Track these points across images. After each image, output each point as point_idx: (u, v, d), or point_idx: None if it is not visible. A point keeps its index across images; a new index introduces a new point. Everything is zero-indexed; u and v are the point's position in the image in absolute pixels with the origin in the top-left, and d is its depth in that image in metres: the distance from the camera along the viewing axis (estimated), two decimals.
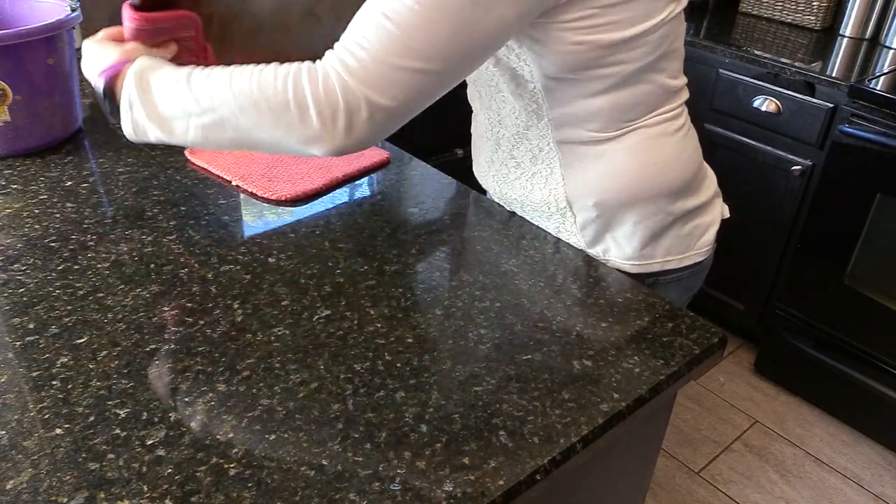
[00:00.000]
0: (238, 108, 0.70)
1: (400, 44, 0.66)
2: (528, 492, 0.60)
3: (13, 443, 0.61)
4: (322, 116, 0.68)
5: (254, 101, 0.69)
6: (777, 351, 2.02)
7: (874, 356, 1.80)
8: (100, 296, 0.79)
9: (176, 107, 0.74)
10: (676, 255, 0.95)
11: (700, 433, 1.92)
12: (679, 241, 0.95)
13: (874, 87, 1.67)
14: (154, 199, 0.99)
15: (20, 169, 1.06)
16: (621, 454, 0.82)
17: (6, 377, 0.68)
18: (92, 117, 1.24)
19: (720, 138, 1.95)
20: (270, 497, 0.57)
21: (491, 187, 1.03)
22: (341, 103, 0.67)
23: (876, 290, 1.76)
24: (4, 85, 1.02)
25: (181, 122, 0.74)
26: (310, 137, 0.69)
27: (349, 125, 0.68)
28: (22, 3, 1.17)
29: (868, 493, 1.76)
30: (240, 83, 0.70)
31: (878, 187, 1.68)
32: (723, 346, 0.78)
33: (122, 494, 0.57)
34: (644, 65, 0.82)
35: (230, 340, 0.73)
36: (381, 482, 0.59)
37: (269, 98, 0.69)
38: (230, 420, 0.64)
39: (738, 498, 1.74)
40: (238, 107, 0.70)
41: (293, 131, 0.69)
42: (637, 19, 0.78)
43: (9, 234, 0.89)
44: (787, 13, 2.12)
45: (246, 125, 0.71)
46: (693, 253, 0.97)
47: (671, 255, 0.95)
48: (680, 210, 0.93)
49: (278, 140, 0.71)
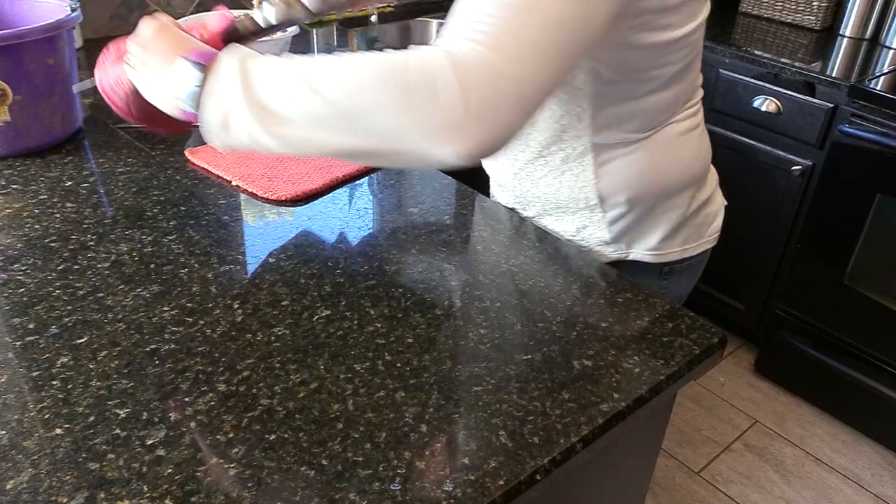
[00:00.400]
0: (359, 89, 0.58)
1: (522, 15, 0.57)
2: (528, 492, 0.60)
3: (13, 443, 0.61)
4: (466, 94, 0.55)
5: (381, 78, 0.57)
6: (777, 351, 2.02)
7: (874, 356, 1.80)
8: (100, 296, 0.79)
9: (284, 97, 0.61)
10: (692, 243, 0.99)
11: (700, 433, 1.92)
12: (695, 229, 0.98)
13: (874, 87, 1.67)
14: (154, 199, 0.99)
15: (20, 169, 1.06)
16: (621, 454, 0.82)
17: (6, 377, 0.68)
18: (92, 117, 1.24)
19: (720, 138, 1.94)
20: (270, 497, 0.57)
21: (507, 184, 1.01)
22: (487, 78, 0.55)
23: (876, 290, 1.76)
24: (4, 85, 1.02)
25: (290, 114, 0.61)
26: (449, 123, 0.55)
27: (494, 108, 0.56)
28: (22, 3, 1.17)
29: (868, 493, 1.76)
30: (360, 66, 0.58)
31: (878, 187, 1.68)
32: (723, 346, 0.78)
33: (122, 494, 0.57)
34: (685, 65, 0.85)
35: (230, 340, 0.73)
36: (381, 482, 0.59)
37: (398, 74, 0.56)
38: (230, 420, 0.64)
39: (738, 498, 1.74)
40: (359, 88, 0.58)
41: (429, 114, 0.56)
42: (685, 20, 0.80)
43: (9, 234, 0.89)
44: (787, 13, 2.12)
45: (368, 110, 0.57)
46: (705, 240, 1.01)
47: (688, 244, 0.99)
48: (697, 201, 0.97)
49: (405, 132, 0.57)
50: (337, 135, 0.60)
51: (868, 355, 1.81)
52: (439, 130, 0.56)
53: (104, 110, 1.27)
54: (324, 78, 0.60)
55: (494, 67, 0.55)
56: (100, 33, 1.67)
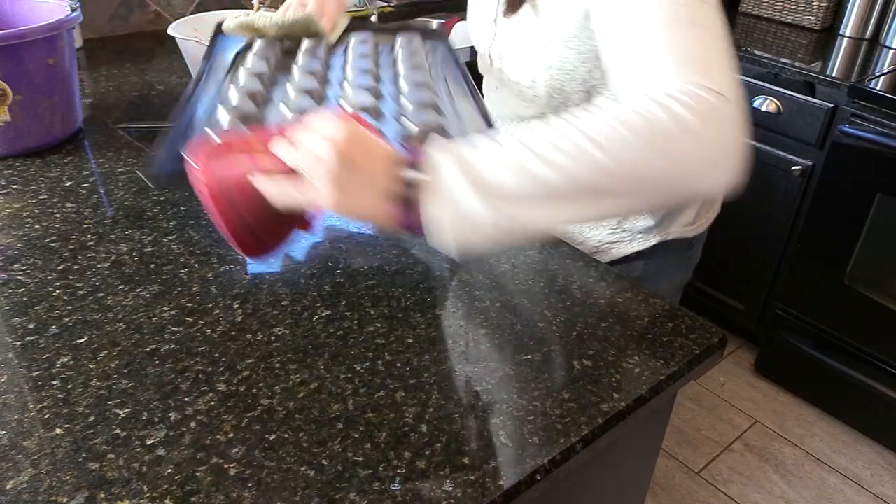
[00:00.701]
0: (613, 153, 0.54)
1: (721, 42, 0.61)
2: (528, 492, 0.60)
3: (13, 443, 0.61)
4: (708, 127, 0.55)
5: (635, 135, 0.54)
6: (777, 351, 2.02)
7: (874, 356, 1.80)
8: (100, 296, 0.79)
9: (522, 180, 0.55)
10: (712, 212, 1.05)
11: (700, 433, 1.92)
12: (713, 200, 1.04)
13: (874, 87, 1.67)
14: (154, 199, 0.99)
15: (20, 169, 1.06)
16: (621, 454, 0.82)
17: (6, 377, 0.68)
18: (92, 117, 1.24)
19: None
20: (270, 497, 0.57)
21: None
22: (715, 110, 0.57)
23: (876, 290, 1.76)
24: (4, 85, 1.02)
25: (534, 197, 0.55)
26: (706, 158, 0.56)
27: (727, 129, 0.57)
28: (22, 3, 1.17)
29: (868, 493, 1.76)
30: (597, 128, 0.55)
31: (878, 187, 1.68)
32: (723, 346, 0.78)
33: (122, 494, 0.57)
34: None
35: (230, 340, 0.73)
36: (381, 482, 0.59)
37: (652, 126, 0.55)
38: (230, 420, 0.64)
39: (738, 498, 1.74)
40: (613, 153, 0.54)
41: (688, 155, 0.55)
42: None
43: (9, 234, 0.89)
44: (787, 13, 2.12)
45: (632, 170, 0.55)
46: (714, 207, 1.06)
47: (710, 213, 1.04)
48: None
49: (675, 174, 0.56)
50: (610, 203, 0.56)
51: (868, 355, 1.81)
52: (711, 161, 0.56)
53: (104, 110, 1.28)
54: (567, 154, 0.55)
55: (721, 102, 0.57)
56: (100, 33, 1.67)
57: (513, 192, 0.55)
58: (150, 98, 1.34)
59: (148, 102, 1.32)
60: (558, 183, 0.54)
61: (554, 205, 0.55)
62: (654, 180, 0.56)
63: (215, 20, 1.41)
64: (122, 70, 1.48)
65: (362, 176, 0.57)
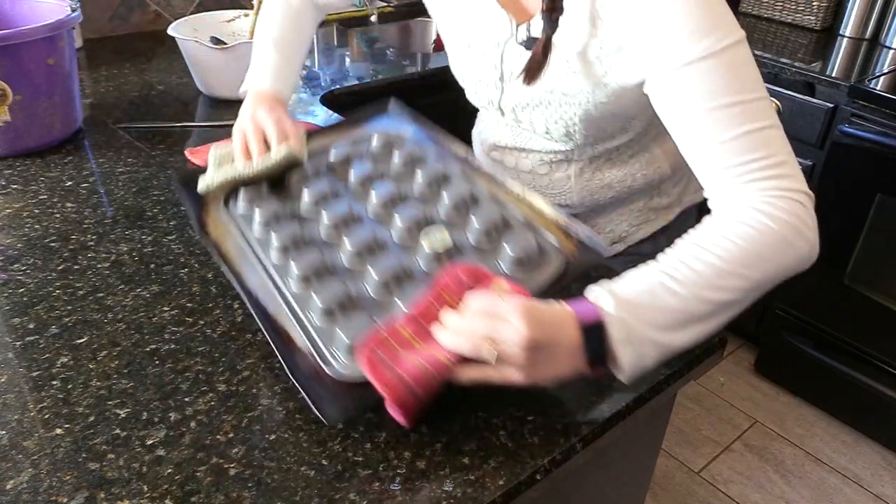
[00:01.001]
0: (747, 273, 0.65)
1: (783, 136, 0.69)
2: (528, 492, 0.60)
3: (13, 443, 0.61)
4: (806, 228, 0.67)
5: (757, 250, 0.65)
6: (777, 351, 2.02)
7: (874, 356, 1.80)
8: (100, 296, 0.79)
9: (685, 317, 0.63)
10: None
11: (700, 433, 1.92)
12: None
13: (874, 87, 1.67)
14: (154, 199, 0.99)
15: (20, 169, 1.06)
16: (621, 454, 0.82)
17: (6, 377, 0.68)
18: (92, 117, 1.24)
19: None
20: (270, 497, 0.57)
21: (573, 195, 0.98)
22: (806, 211, 0.68)
23: (876, 290, 1.76)
24: (4, 85, 1.02)
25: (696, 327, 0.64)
26: (806, 253, 0.68)
27: (814, 224, 0.69)
28: (22, 3, 1.17)
29: (868, 493, 1.76)
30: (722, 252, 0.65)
31: (878, 187, 1.68)
32: (723, 346, 0.78)
33: (122, 494, 0.57)
34: None
35: (230, 340, 0.73)
36: (381, 482, 0.59)
37: (766, 243, 0.65)
38: (230, 420, 0.64)
39: (738, 498, 1.74)
40: (747, 272, 0.65)
41: (795, 255, 0.67)
42: None
43: (9, 234, 0.89)
44: (787, 13, 2.12)
45: (760, 280, 0.66)
46: None
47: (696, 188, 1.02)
48: None
49: (785, 272, 0.68)
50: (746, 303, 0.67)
51: (868, 355, 1.81)
52: (806, 257, 0.68)
53: (104, 110, 1.28)
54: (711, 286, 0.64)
55: (803, 199, 0.68)
56: (100, 33, 1.67)
57: (680, 333, 0.63)
58: (150, 98, 1.35)
59: (148, 102, 1.32)
60: (711, 312, 0.64)
61: (706, 325, 0.65)
62: (771, 282, 0.67)
63: (215, 20, 1.42)
64: (122, 70, 1.48)
65: (554, 350, 0.60)
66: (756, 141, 0.67)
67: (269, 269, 0.74)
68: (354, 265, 0.74)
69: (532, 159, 0.97)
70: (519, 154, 0.98)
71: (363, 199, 0.84)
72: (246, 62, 1.31)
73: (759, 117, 0.67)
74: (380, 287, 0.70)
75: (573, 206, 0.99)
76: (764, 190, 0.67)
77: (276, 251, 0.76)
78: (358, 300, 0.69)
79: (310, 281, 0.71)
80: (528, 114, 0.89)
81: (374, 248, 0.75)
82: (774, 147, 0.68)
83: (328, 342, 0.65)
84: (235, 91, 1.34)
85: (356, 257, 0.74)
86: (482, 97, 0.95)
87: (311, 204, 0.84)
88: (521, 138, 0.96)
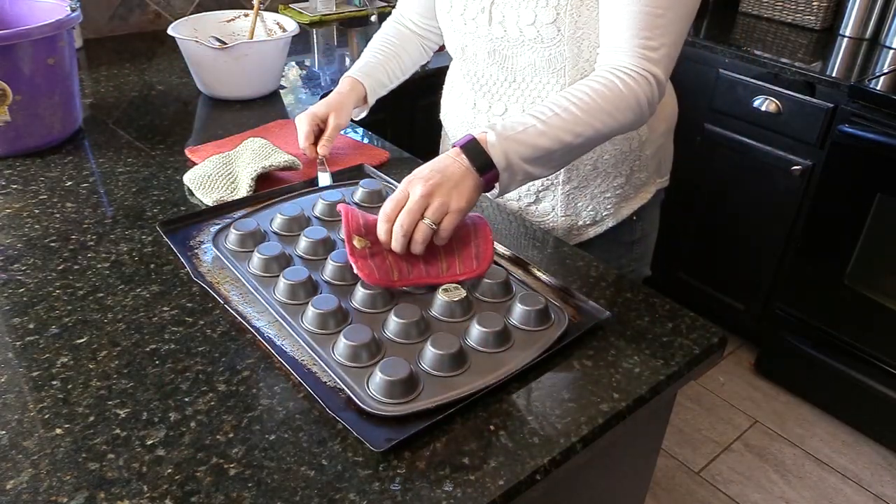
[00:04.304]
0: (596, 125, 0.83)
1: (681, 31, 0.86)
2: (528, 492, 0.60)
3: (13, 443, 0.61)
4: (651, 106, 0.86)
5: (608, 113, 0.83)
6: (777, 351, 2.02)
7: (874, 356, 1.80)
8: (100, 296, 0.79)
9: (549, 145, 0.81)
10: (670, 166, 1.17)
11: (700, 433, 1.92)
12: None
13: (874, 87, 1.67)
14: (154, 199, 0.99)
15: (20, 169, 1.06)
16: (621, 454, 0.82)
17: (6, 377, 0.68)
18: (92, 117, 1.24)
19: (720, 138, 1.94)
20: (270, 497, 0.57)
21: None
22: (657, 94, 0.86)
23: (876, 290, 1.76)
24: (4, 85, 1.02)
25: (556, 155, 0.83)
26: (641, 122, 0.88)
27: (653, 104, 0.87)
28: (22, 3, 1.17)
29: (868, 493, 1.76)
30: (588, 106, 0.83)
31: (878, 187, 1.68)
32: (723, 346, 0.78)
33: (122, 494, 0.57)
34: None
35: (230, 340, 0.73)
36: (381, 482, 0.59)
37: (617, 108, 0.84)
38: (230, 420, 0.64)
39: (738, 498, 1.74)
40: (596, 124, 0.83)
41: (634, 122, 0.86)
42: None
43: (9, 234, 0.89)
44: (787, 13, 2.12)
45: (603, 133, 0.85)
46: (669, 160, 1.16)
47: (668, 168, 1.16)
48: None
49: (619, 130, 0.86)
50: (583, 152, 0.89)
51: (868, 355, 1.81)
52: (639, 124, 0.88)
53: (104, 110, 1.28)
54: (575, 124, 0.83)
55: (653, 81, 0.86)
56: (100, 33, 1.67)
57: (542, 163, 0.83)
58: (150, 98, 1.35)
59: (148, 102, 1.33)
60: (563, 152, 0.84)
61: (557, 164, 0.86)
62: (605, 136, 0.86)
63: (215, 20, 1.42)
64: (122, 70, 1.48)
65: (447, 173, 0.78)
66: (649, 22, 0.83)
67: (276, 308, 0.76)
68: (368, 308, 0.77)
69: (523, 101, 1.00)
70: (508, 98, 1.01)
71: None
72: (246, 62, 1.31)
73: (663, 4, 0.83)
74: (400, 331, 0.73)
75: (560, 176, 1.04)
76: (631, 63, 0.85)
77: (282, 290, 0.77)
78: (381, 342, 0.72)
79: (328, 323, 0.73)
80: (514, 9, 0.93)
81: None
82: (660, 33, 0.84)
83: (357, 378, 0.67)
84: (235, 91, 1.35)
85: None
86: (469, 12, 0.98)
87: (311, 247, 0.85)
88: (508, 66, 0.99)
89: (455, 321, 0.75)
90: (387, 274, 0.77)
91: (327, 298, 0.75)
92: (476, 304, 0.78)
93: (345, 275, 0.80)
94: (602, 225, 1.08)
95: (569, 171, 1.03)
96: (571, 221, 1.07)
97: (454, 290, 0.77)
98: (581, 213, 1.07)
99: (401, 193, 0.77)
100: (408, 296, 0.79)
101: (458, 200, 0.77)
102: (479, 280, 0.79)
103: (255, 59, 1.30)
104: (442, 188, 0.77)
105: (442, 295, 0.76)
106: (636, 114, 0.85)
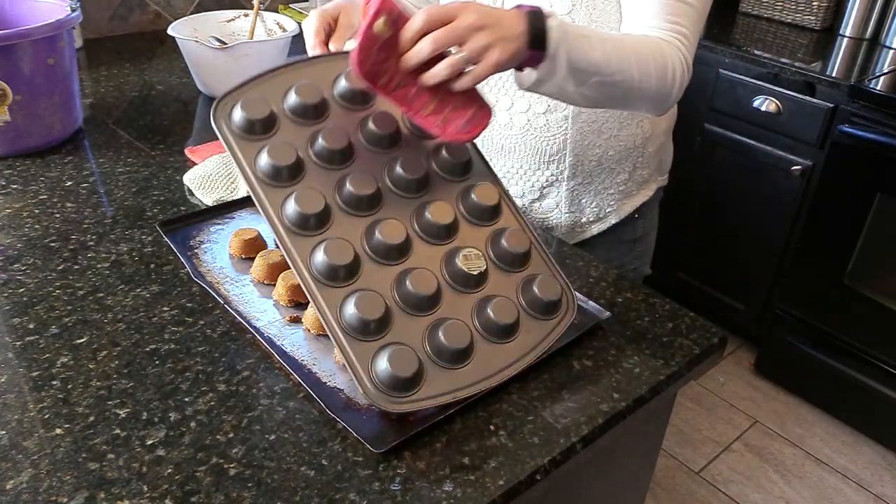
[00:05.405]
0: (638, 73, 0.79)
1: (701, 26, 0.88)
2: (528, 492, 0.60)
3: (13, 443, 0.61)
4: (678, 90, 0.84)
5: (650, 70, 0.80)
6: (777, 351, 2.02)
7: (874, 356, 1.80)
8: (100, 296, 0.79)
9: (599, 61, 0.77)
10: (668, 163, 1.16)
11: (700, 433, 1.92)
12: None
13: (874, 87, 1.67)
14: (154, 199, 0.99)
15: (20, 169, 1.06)
16: (621, 454, 0.82)
17: (6, 377, 0.68)
18: (92, 117, 1.24)
19: (720, 138, 1.94)
20: (270, 497, 0.57)
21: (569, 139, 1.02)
22: (686, 79, 0.85)
23: (876, 290, 1.76)
24: (4, 85, 1.02)
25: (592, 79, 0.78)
26: (668, 95, 0.84)
27: (682, 85, 0.85)
28: (22, 3, 1.17)
29: (868, 493, 1.76)
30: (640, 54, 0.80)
31: (878, 187, 1.68)
32: (723, 346, 0.78)
33: (122, 494, 0.57)
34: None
35: (230, 340, 0.73)
36: (381, 482, 0.59)
37: (658, 68, 0.81)
38: (230, 420, 0.64)
39: (738, 498, 1.74)
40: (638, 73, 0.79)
41: (657, 93, 0.82)
42: None
43: (9, 234, 0.89)
44: (787, 13, 2.12)
45: (640, 81, 0.80)
46: (668, 160, 1.17)
47: (668, 167, 1.16)
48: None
49: (645, 95, 0.82)
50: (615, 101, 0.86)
51: (868, 355, 1.81)
52: (667, 98, 0.84)
53: (104, 110, 1.28)
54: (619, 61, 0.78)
55: (685, 65, 0.84)
56: (100, 33, 1.67)
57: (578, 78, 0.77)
58: (150, 98, 1.35)
59: (148, 102, 1.32)
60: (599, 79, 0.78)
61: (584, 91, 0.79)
62: (639, 95, 0.83)
63: (215, 20, 1.42)
64: (122, 70, 1.48)
65: (500, 18, 0.70)
66: (679, 9, 0.84)
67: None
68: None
69: (529, 96, 0.99)
70: (515, 92, 1.00)
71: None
72: (246, 62, 1.31)
73: None
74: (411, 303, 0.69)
75: (565, 172, 1.04)
76: (668, 41, 0.84)
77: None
78: (390, 312, 0.68)
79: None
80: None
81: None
82: (689, 22, 0.85)
83: (362, 355, 0.65)
84: None
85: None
86: (482, 1, 0.94)
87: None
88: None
89: (469, 292, 0.71)
90: (377, 74, 0.69)
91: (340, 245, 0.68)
92: (491, 270, 0.74)
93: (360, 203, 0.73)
94: (605, 222, 1.09)
95: (574, 167, 1.03)
96: (575, 218, 1.07)
97: (475, 258, 0.72)
98: (585, 210, 1.07)
99: (452, 9, 0.68)
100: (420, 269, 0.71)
101: (500, 53, 0.69)
102: (500, 248, 0.75)
103: (255, 59, 1.30)
104: (493, 31, 0.69)
105: (462, 262, 0.71)
106: (665, 86, 0.82)
